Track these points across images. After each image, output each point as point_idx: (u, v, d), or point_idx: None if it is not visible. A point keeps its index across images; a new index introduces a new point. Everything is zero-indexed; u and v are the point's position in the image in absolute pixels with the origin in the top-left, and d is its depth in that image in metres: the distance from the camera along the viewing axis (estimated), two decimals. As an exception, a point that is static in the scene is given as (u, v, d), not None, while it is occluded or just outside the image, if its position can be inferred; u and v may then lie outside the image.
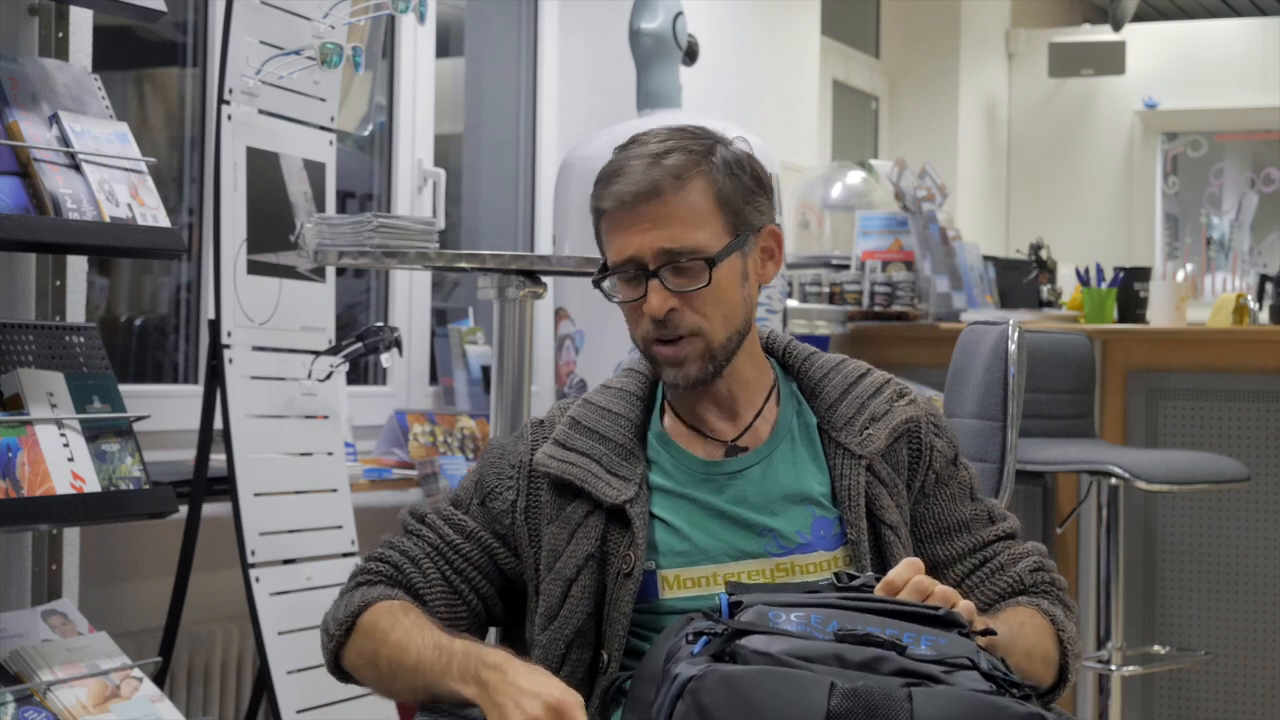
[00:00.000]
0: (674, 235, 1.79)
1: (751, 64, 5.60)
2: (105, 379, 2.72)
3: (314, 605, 3.03)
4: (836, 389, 1.91)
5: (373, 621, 1.82)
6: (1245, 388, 4.41)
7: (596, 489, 1.83)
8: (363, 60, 3.26)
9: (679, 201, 1.80)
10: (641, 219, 1.80)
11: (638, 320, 1.84)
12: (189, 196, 3.79)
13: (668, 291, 1.80)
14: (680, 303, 1.80)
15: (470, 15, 4.83)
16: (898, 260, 4.91)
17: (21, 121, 2.59)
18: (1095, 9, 9.42)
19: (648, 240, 1.80)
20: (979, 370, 2.31)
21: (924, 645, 1.52)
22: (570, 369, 4.06)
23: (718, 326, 1.83)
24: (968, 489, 1.95)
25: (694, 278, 1.81)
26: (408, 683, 1.77)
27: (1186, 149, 9.00)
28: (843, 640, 1.50)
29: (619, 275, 1.83)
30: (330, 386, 3.19)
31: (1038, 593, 1.91)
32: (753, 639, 1.49)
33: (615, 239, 1.83)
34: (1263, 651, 4.43)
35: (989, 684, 1.50)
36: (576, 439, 1.88)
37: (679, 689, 1.46)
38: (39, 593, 2.80)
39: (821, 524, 1.84)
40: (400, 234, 2.78)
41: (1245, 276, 8.76)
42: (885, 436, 1.87)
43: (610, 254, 1.84)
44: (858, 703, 1.43)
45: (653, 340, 1.83)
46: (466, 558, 1.89)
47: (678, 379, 1.84)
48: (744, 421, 1.89)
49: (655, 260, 1.80)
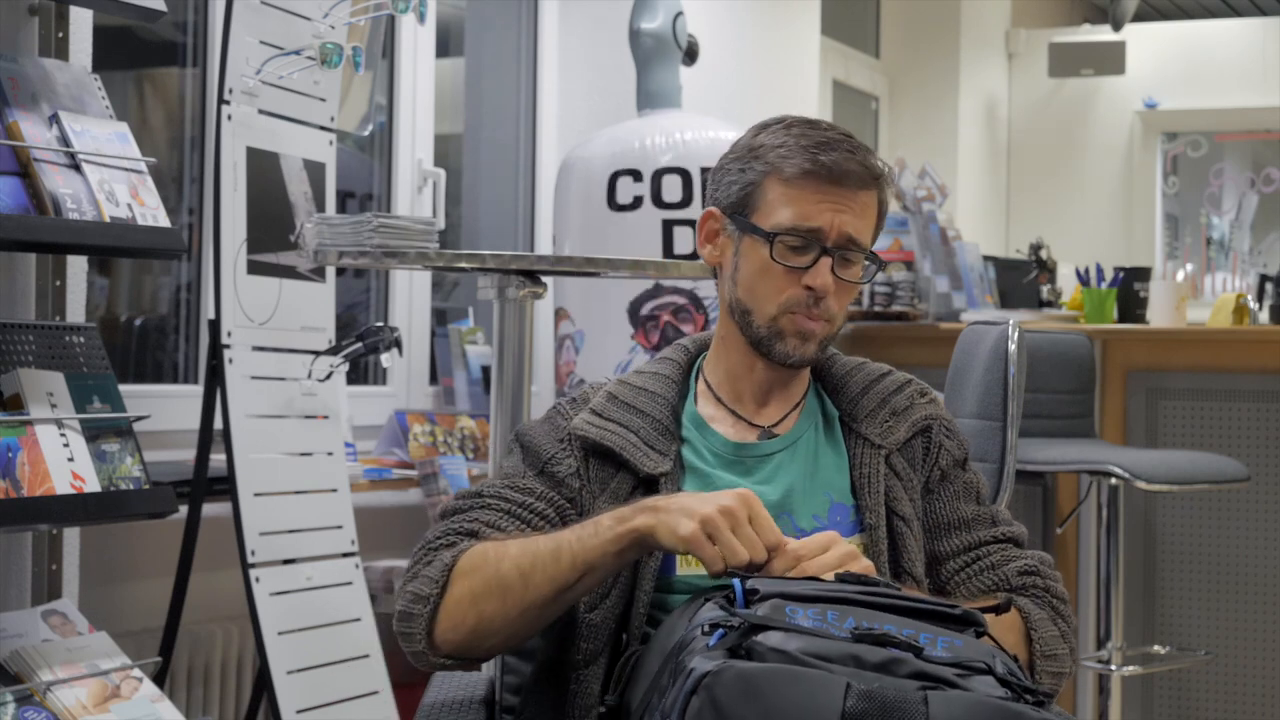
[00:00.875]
0: (861, 228, 1.86)
1: (751, 64, 5.60)
2: (105, 379, 2.72)
3: (314, 605, 3.03)
4: (859, 385, 1.95)
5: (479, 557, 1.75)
6: (1245, 388, 4.41)
7: (635, 458, 1.84)
8: (363, 60, 3.26)
9: (870, 201, 1.87)
10: (843, 198, 1.84)
11: (784, 286, 1.86)
12: (189, 196, 3.80)
13: (833, 274, 1.85)
14: (837, 288, 1.86)
15: (470, 15, 4.83)
16: (898, 260, 4.91)
17: (21, 121, 2.59)
18: (1095, 9, 9.42)
19: (841, 220, 1.84)
20: (979, 370, 2.31)
21: (940, 647, 1.51)
22: (570, 369, 4.06)
23: (840, 321, 1.90)
24: (974, 491, 1.96)
25: (854, 271, 1.87)
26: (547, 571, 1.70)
27: (1186, 149, 9.00)
28: (860, 640, 1.49)
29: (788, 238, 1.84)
30: (330, 386, 3.19)
31: (1024, 594, 1.90)
32: (769, 635, 1.49)
33: (802, 204, 1.84)
34: (1263, 651, 4.43)
35: (1005, 689, 1.49)
36: (614, 411, 1.89)
37: (694, 684, 1.45)
38: (39, 593, 2.80)
39: (839, 510, 1.86)
40: (400, 234, 2.78)
41: (1245, 276, 8.76)
42: (905, 430, 1.91)
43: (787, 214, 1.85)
44: (873, 705, 1.42)
45: (796, 311, 1.86)
46: (543, 515, 1.84)
47: (797, 352, 1.87)
48: (781, 410, 1.92)
49: (836, 241, 1.84)
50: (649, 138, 3.94)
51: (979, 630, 1.59)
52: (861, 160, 1.85)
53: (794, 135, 1.86)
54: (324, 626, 3.05)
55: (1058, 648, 1.84)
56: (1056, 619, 1.88)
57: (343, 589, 3.11)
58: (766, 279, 1.87)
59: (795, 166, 1.84)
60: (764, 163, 1.86)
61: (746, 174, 1.88)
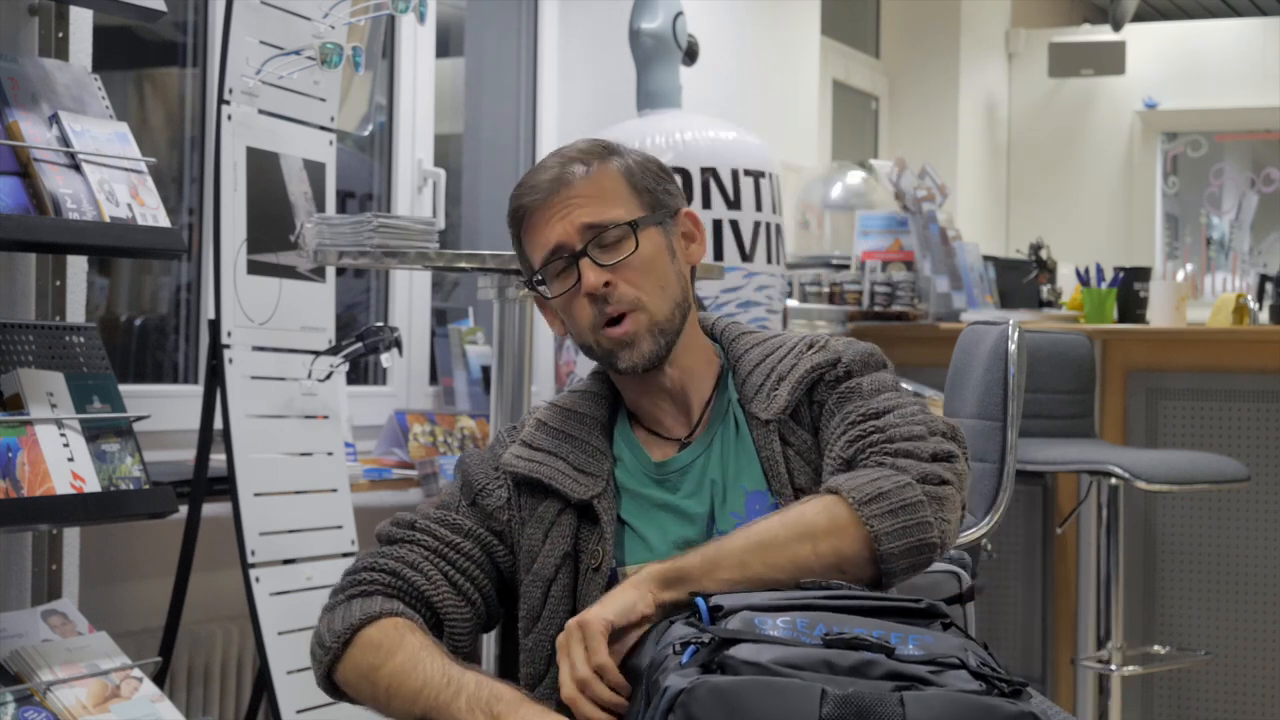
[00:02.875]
0: (593, 211, 1.84)
1: (751, 64, 5.60)
2: (105, 379, 2.72)
3: (314, 605, 3.01)
4: (753, 360, 1.90)
5: (376, 638, 1.79)
6: (1245, 388, 4.41)
7: (564, 486, 1.84)
8: (363, 60, 3.26)
9: (591, 184, 1.86)
10: (558, 206, 1.85)
11: (579, 311, 1.85)
12: (189, 196, 3.79)
13: (600, 267, 1.83)
14: (614, 276, 1.83)
15: (470, 15, 4.83)
16: (898, 260, 4.91)
17: (21, 121, 2.59)
18: (1095, 9, 9.41)
19: (569, 222, 1.84)
20: (979, 370, 2.31)
21: (912, 645, 1.51)
22: (570, 369, 4.06)
23: (656, 298, 1.85)
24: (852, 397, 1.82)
25: (621, 249, 1.84)
26: (405, 707, 1.73)
27: (1186, 149, 9.00)
28: (831, 645, 1.50)
29: (550, 269, 1.85)
30: (330, 386, 3.19)
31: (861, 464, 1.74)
32: (741, 648, 1.49)
33: (538, 235, 1.86)
34: (1263, 651, 4.43)
35: (979, 683, 1.49)
36: (543, 439, 1.90)
37: (669, 702, 1.45)
38: (39, 593, 2.80)
39: (755, 499, 1.85)
40: (400, 234, 2.78)
41: (1245, 276, 8.76)
42: (788, 393, 1.84)
43: (536, 252, 1.87)
44: (850, 709, 1.42)
45: (599, 325, 1.84)
46: (468, 556, 1.88)
47: (632, 359, 1.84)
48: (695, 415, 1.91)
49: (580, 239, 1.84)
50: (649, 138, 3.94)
51: (945, 621, 1.59)
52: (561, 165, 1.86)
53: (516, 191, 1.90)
54: (324, 626, 3.05)
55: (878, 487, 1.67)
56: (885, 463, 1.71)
57: (343, 589, 3.11)
58: (570, 315, 1.87)
59: (517, 218, 1.89)
60: (512, 229, 1.91)
61: (517, 246, 1.92)
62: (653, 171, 1.90)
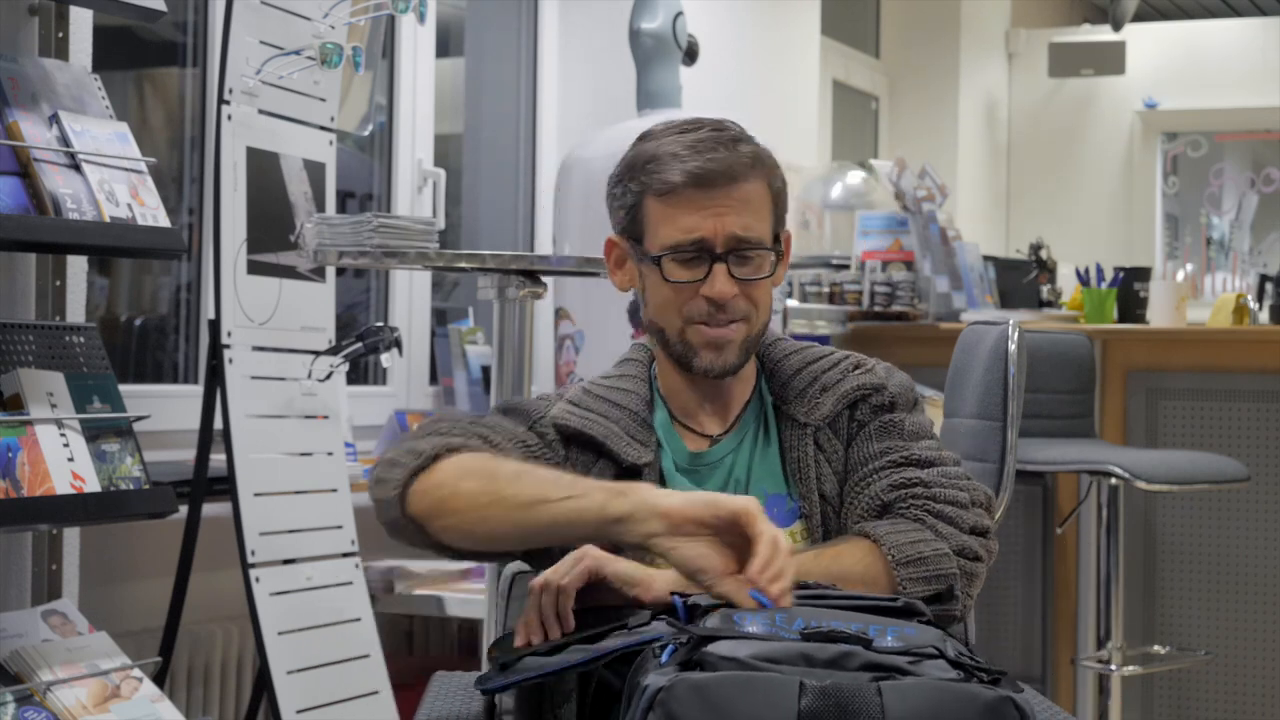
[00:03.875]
0: (746, 224, 1.82)
1: (751, 64, 5.60)
2: (105, 379, 2.72)
3: (314, 605, 3.03)
4: (793, 366, 1.92)
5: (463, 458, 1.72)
6: (1245, 388, 4.41)
7: (618, 447, 1.84)
8: (363, 60, 3.26)
9: (752, 191, 1.83)
10: (716, 201, 1.81)
11: (686, 300, 1.84)
12: (189, 196, 3.80)
13: (733, 279, 1.82)
14: (741, 290, 1.83)
15: (470, 15, 4.83)
16: (898, 260, 4.90)
17: (21, 121, 2.59)
18: (1095, 9, 9.41)
19: (723, 223, 1.81)
20: (979, 370, 2.31)
21: (890, 636, 1.52)
22: (570, 369, 4.06)
23: (760, 319, 1.87)
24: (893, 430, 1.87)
25: (757, 268, 1.84)
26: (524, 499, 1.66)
27: (1186, 149, 9.00)
28: (810, 638, 1.50)
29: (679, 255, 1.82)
30: (330, 386, 3.19)
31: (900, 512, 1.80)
32: (719, 644, 1.49)
33: (681, 215, 1.82)
34: (1263, 651, 4.43)
35: (957, 671, 1.50)
36: (592, 403, 1.89)
37: (649, 701, 1.45)
38: (39, 593, 2.80)
39: (774, 502, 1.86)
40: (400, 234, 2.78)
41: (1245, 276, 8.75)
42: (833, 403, 1.87)
43: (669, 229, 1.83)
44: (828, 701, 1.43)
45: (700, 322, 1.84)
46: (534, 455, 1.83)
47: (714, 364, 1.85)
48: (732, 415, 1.91)
49: (724, 245, 1.82)
50: (649, 138, 3.94)
51: (923, 618, 1.59)
52: (734, 153, 1.82)
53: (666, 145, 1.84)
54: (324, 626, 3.05)
55: (918, 551, 1.74)
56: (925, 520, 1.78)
57: (343, 589, 3.11)
58: (668, 296, 1.85)
59: (666, 182, 1.82)
60: (639, 182, 1.84)
61: (627, 196, 1.86)
62: (786, 195, 1.90)
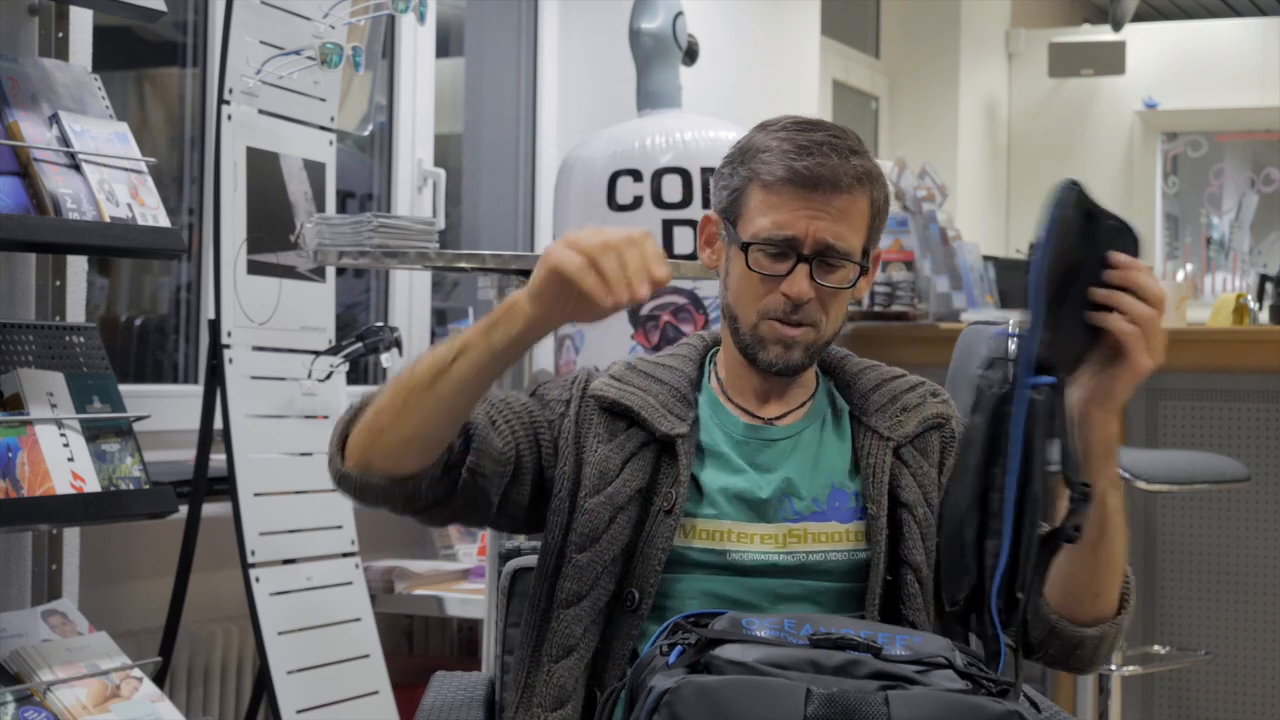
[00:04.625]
0: (840, 233, 1.83)
1: (751, 64, 5.60)
2: (105, 379, 2.72)
3: (314, 605, 3.03)
4: (870, 382, 1.95)
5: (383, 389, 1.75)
6: (1245, 388, 4.41)
7: (653, 418, 1.85)
8: (363, 60, 3.26)
9: (852, 203, 1.84)
10: (815, 204, 1.83)
11: (763, 293, 1.85)
12: (189, 196, 3.80)
13: (813, 282, 1.83)
14: (818, 295, 1.85)
15: (470, 15, 4.83)
16: (898, 260, 4.90)
17: (21, 121, 2.59)
18: (1095, 9, 9.41)
19: (816, 227, 1.83)
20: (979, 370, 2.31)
21: (899, 645, 1.52)
22: (570, 369, 4.06)
23: (831, 327, 1.88)
24: None
25: (839, 278, 1.85)
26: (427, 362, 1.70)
27: (1186, 149, 9.00)
28: (818, 644, 1.50)
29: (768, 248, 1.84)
30: (330, 386, 3.19)
31: None
32: (727, 648, 1.49)
33: (778, 210, 1.84)
34: (1263, 651, 4.43)
35: (965, 682, 1.49)
36: (633, 376, 1.91)
37: (654, 702, 1.45)
38: (39, 593, 2.80)
39: (838, 495, 1.86)
40: (400, 234, 2.79)
41: (1245, 276, 8.76)
42: (915, 425, 1.90)
43: (763, 222, 1.84)
44: (834, 709, 1.43)
45: (774, 317, 1.85)
46: (513, 410, 1.85)
47: (780, 360, 1.86)
48: (786, 409, 1.93)
49: (813, 248, 1.83)
50: (649, 138, 3.94)
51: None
52: (844, 163, 1.83)
53: (781, 138, 1.85)
54: (324, 626, 3.05)
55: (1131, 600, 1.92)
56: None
57: (343, 589, 3.12)
58: (747, 285, 1.87)
59: (772, 174, 1.84)
60: (748, 168, 1.87)
61: (734, 179, 1.89)
62: (886, 215, 1.92)
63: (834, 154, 1.83)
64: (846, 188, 1.83)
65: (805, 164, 1.82)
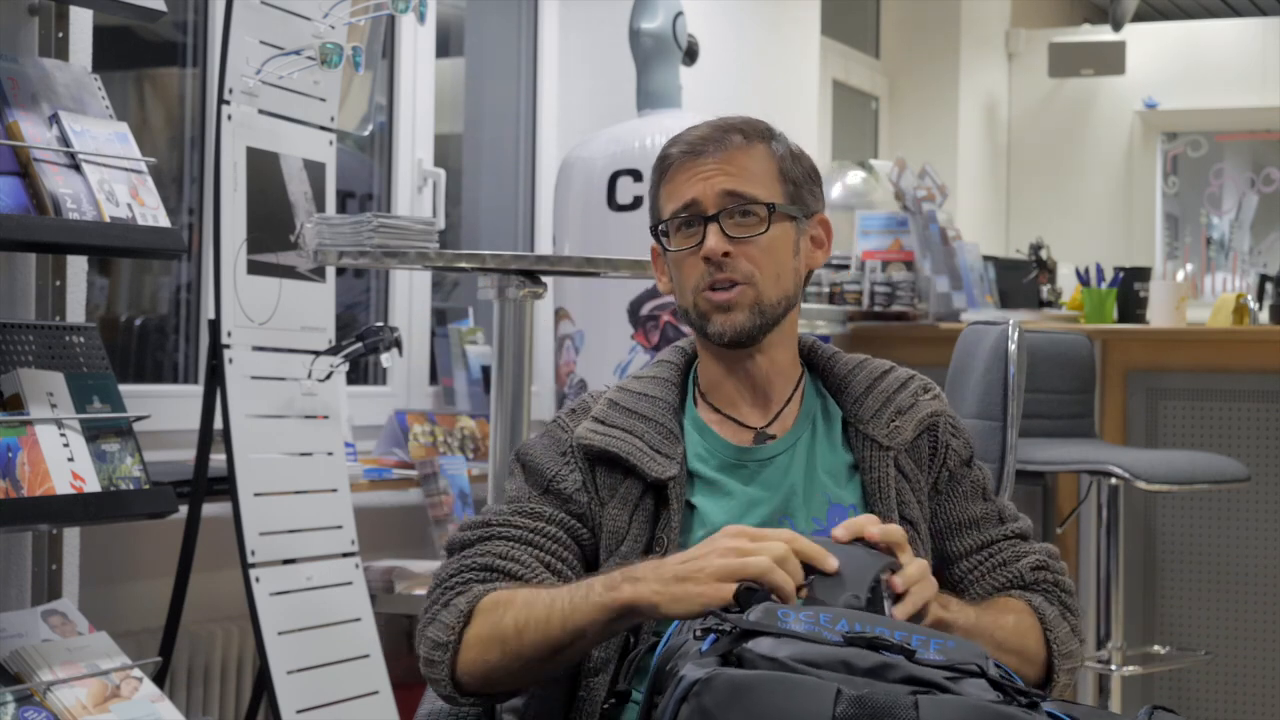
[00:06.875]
0: (737, 181, 1.85)
1: (751, 64, 5.60)
2: (105, 379, 2.72)
3: (314, 605, 3.03)
4: (862, 384, 1.94)
5: (490, 602, 1.76)
6: (1245, 388, 4.41)
7: (642, 463, 1.84)
8: (363, 60, 3.26)
9: (745, 156, 1.87)
10: (706, 165, 1.86)
11: (690, 270, 1.87)
12: (189, 196, 3.80)
13: (725, 236, 1.84)
14: (735, 249, 1.85)
15: (470, 15, 4.83)
16: (898, 260, 4.91)
17: (21, 121, 2.59)
18: (1095, 9, 9.41)
19: (711, 184, 1.85)
20: (979, 370, 2.31)
21: (933, 649, 1.51)
22: (570, 369, 4.06)
23: (769, 281, 1.87)
24: (980, 489, 1.95)
25: (751, 226, 1.85)
26: (540, 631, 1.70)
27: (1186, 149, 9.00)
28: (852, 643, 1.49)
29: (675, 223, 1.87)
30: (330, 386, 3.19)
31: (1036, 590, 1.91)
32: (760, 642, 1.48)
33: (678, 187, 1.87)
34: (1263, 651, 4.43)
35: (996, 692, 1.49)
36: (616, 417, 1.89)
37: (684, 691, 1.45)
38: (39, 593, 2.80)
39: (837, 512, 1.86)
40: (400, 234, 2.79)
41: (1245, 276, 8.76)
42: (912, 429, 1.90)
43: (669, 203, 1.89)
44: (863, 710, 1.42)
45: (705, 288, 1.86)
46: (555, 539, 1.85)
47: (725, 327, 1.85)
48: (773, 409, 1.91)
49: (716, 204, 1.85)
50: (649, 138, 3.94)
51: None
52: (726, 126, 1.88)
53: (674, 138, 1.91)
54: (324, 626, 3.05)
55: (1071, 644, 1.89)
56: (1065, 614, 1.90)
57: (343, 589, 3.11)
58: (679, 272, 1.89)
59: (666, 164, 1.89)
60: (655, 175, 1.92)
61: (650, 194, 1.93)
62: (804, 168, 1.92)
63: (719, 127, 1.88)
64: (736, 145, 1.86)
65: (689, 137, 1.88)
